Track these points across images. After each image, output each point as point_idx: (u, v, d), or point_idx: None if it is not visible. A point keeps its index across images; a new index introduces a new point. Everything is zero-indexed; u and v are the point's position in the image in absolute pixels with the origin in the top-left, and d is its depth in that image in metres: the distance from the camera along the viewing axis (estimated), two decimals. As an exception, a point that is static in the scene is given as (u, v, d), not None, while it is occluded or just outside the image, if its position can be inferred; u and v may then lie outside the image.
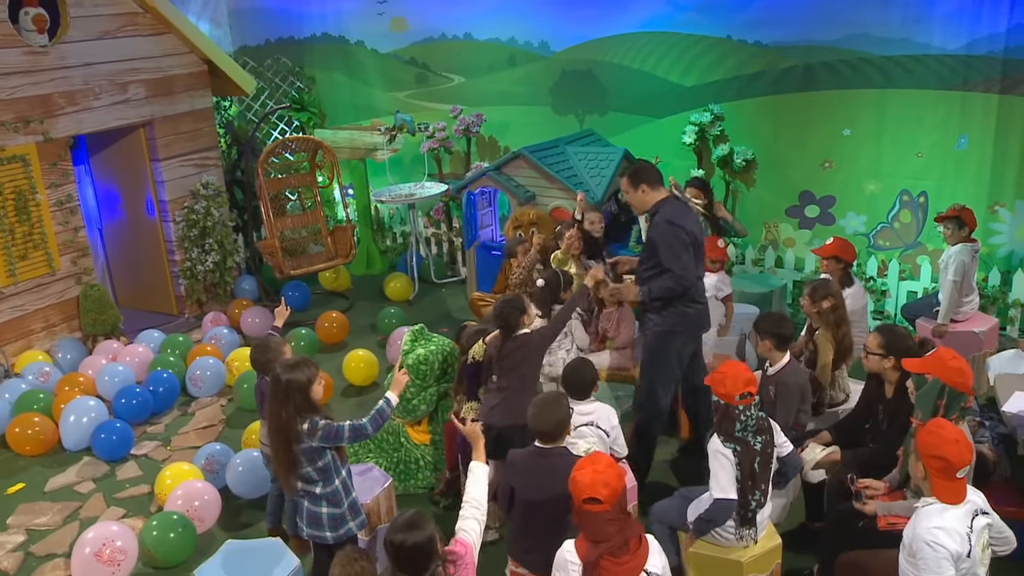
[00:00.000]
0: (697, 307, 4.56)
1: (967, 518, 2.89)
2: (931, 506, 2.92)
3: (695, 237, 4.48)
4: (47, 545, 4.71)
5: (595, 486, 2.83)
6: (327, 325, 7.14)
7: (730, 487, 3.55)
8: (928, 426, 2.99)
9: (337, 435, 3.47)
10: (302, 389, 3.43)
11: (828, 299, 4.61)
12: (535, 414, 3.56)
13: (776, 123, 7.12)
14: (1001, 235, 6.44)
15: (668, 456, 5.33)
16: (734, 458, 3.53)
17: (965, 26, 6.19)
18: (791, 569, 4.04)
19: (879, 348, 4.02)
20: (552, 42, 8.13)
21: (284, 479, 3.52)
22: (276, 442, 3.47)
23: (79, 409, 5.65)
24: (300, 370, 3.45)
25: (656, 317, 4.54)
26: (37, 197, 6.47)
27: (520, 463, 3.59)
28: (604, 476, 2.86)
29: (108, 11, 6.87)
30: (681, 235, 4.39)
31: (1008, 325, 6.36)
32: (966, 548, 2.83)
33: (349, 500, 3.63)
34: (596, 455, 3.01)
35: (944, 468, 2.87)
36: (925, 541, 2.83)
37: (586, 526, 2.91)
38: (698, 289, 4.57)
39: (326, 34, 9.48)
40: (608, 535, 2.85)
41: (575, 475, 2.92)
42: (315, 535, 3.62)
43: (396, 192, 8.41)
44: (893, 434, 3.95)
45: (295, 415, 3.41)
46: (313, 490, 3.54)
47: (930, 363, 3.54)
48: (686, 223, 4.45)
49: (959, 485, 2.91)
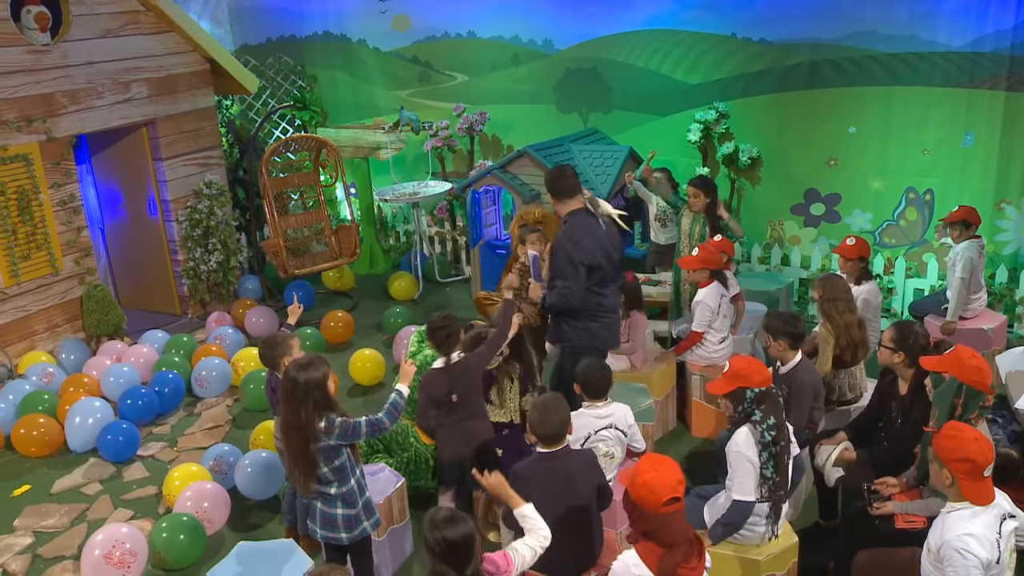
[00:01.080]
0: (603, 321, 4.54)
1: (996, 523, 2.85)
2: (959, 511, 2.87)
3: (594, 258, 4.39)
4: (55, 547, 4.68)
5: (673, 485, 2.72)
6: (332, 325, 7.11)
7: (751, 490, 3.52)
8: (944, 431, 2.94)
9: (355, 431, 3.44)
10: (320, 386, 3.40)
11: (817, 290, 4.66)
12: (539, 418, 3.42)
13: (781, 121, 7.10)
14: (1008, 232, 6.44)
15: (679, 455, 5.32)
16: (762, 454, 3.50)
17: (971, 23, 6.18)
18: (806, 567, 4.02)
19: (891, 343, 4.01)
20: (556, 40, 8.11)
21: (303, 481, 3.47)
22: (293, 442, 3.44)
23: (85, 410, 5.61)
24: (315, 368, 3.43)
25: (567, 330, 4.54)
26: (40, 197, 6.43)
27: (534, 476, 3.41)
28: (676, 473, 2.76)
29: (110, 9, 6.83)
30: (572, 254, 4.35)
31: (1016, 322, 6.36)
32: (995, 554, 2.80)
33: (363, 500, 3.60)
34: (652, 456, 2.89)
35: (971, 470, 2.83)
36: (955, 549, 2.79)
37: (663, 530, 2.75)
38: (604, 305, 4.53)
39: (328, 32, 9.44)
40: (683, 534, 2.75)
41: (645, 480, 2.73)
42: (330, 537, 3.59)
43: (400, 191, 8.38)
44: (908, 431, 3.94)
45: (314, 413, 3.38)
46: (328, 491, 3.51)
47: (948, 361, 3.53)
48: (584, 241, 4.37)
49: (987, 485, 2.88)
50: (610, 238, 4.55)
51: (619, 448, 4.05)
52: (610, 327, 4.63)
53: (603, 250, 4.47)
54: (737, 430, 3.58)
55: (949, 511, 2.91)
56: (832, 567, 4.02)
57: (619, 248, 4.65)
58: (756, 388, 3.53)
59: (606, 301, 4.55)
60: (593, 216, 4.53)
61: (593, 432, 3.94)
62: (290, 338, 4.30)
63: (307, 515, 4.46)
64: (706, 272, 5.29)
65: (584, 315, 4.50)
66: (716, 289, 5.28)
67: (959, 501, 2.90)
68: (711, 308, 5.27)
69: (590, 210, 4.53)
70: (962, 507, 2.88)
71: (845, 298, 4.65)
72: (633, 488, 2.77)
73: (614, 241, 4.58)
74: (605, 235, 4.51)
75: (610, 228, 4.60)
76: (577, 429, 3.88)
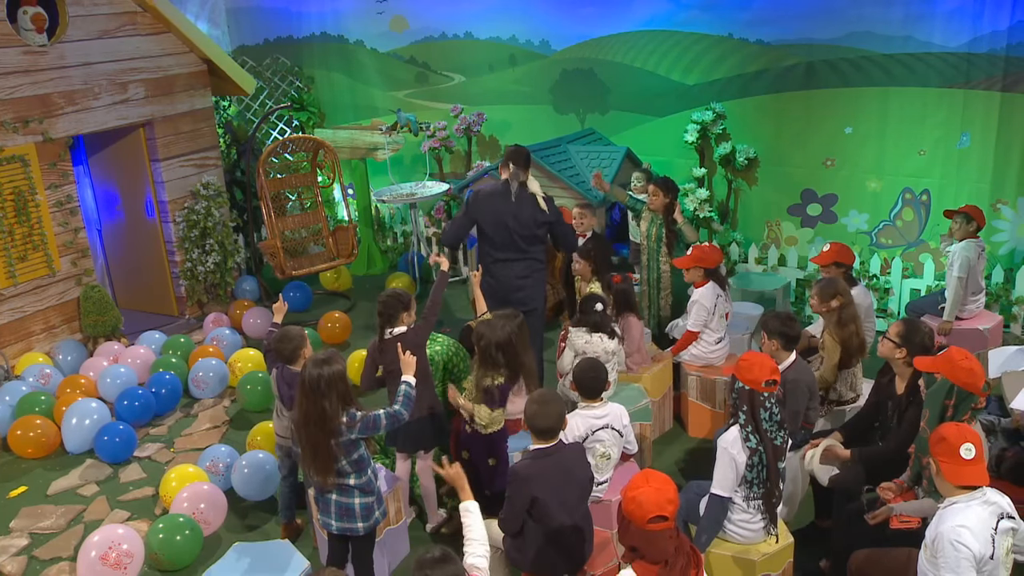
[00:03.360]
0: (497, 278, 5.22)
1: (992, 519, 2.87)
2: (954, 505, 2.91)
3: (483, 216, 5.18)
4: (51, 548, 4.68)
5: (661, 504, 2.72)
6: (330, 325, 7.11)
7: (728, 486, 3.54)
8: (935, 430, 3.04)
9: (375, 424, 3.55)
10: (343, 379, 3.47)
11: (837, 298, 4.59)
12: (537, 412, 3.43)
13: (778, 121, 7.11)
14: (1004, 232, 6.45)
15: (675, 455, 5.33)
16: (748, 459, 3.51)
17: (967, 24, 6.20)
18: (801, 567, 4.03)
19: (896, 337, 4.00)
20: (553, 41, 8.11)
21: (323, 476, 3.49)
22: (314, 438, 3.45)
23: (81, 411, 5.61)
24: (335, 362, 3.48)
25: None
26: (37, 198, 6.43)
27: (534, 474, 3.40)
28: (667, 493, 2.76)
29: (107, 10, 6.82)
30: (470, 204, 5.26)
31: (1012, 322, 6.37)
32: (989, 550, 2.82)
33: (377, 488, 3.70)
34: (648, 472, 2.89)
35: (947, 449, 2.90)
36: (948, 540, 2.82)
37: (649, 547, 2.77)
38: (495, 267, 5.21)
39: (325, 33, 9.44)
40: (669, 553, 2.76)
41: (634, 495, 2.76)
42: (346, 528, 3.63)
43: (397, 192, 8.38)
44: (903, 431, 3.94)
45: (339, 406, 3.43)
46: (347, 482, 3.56)
47: (940, 362, 3.53)
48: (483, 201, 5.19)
49: (970, 469, 2.89)
50: (517, 210, 5.13)
51: (615, 449, 4.05)
52: (504, 289, 5.21)
53: (498, 214, 5.14)
54: (732, 426, 3.60)
55: (945, 506, 2.94)
56: (827, 567, 4.03)
57: (527, 223, 5.17)
58: (741, 383, 3.55)
59: (498, 267, 5.22)
60: (508, 187, 5.15)
61: (591, 432, 3.95)
62: (303, 332, 4.31)
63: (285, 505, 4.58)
64: (700, 271, 5.30)
65: (483, 270, 5.23)
66: (712, 289, 5.29)
67: (951, 495, 2.93)
68: (707, 308, 5.28)
69: (510, 181, 5.16)
70: (955, 501, 2.91)
71: (852, 301, 4.66)
72: (624, 501, 2.81)
73: (522, 215, 5.14)
74: (510, 205, 5.13)
75: (523, 203, 5.15)
76: (573, 429, 3.89)
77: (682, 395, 5.60)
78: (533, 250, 5.26)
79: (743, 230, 7.53)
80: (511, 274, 5.23)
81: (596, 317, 4.80)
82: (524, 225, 5.16)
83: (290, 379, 4.19)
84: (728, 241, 7.47)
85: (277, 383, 4.34)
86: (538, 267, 5.33)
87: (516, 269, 5.23)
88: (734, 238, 7.48)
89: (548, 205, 5.23)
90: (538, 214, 5.18)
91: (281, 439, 4.45)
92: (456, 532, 4.36)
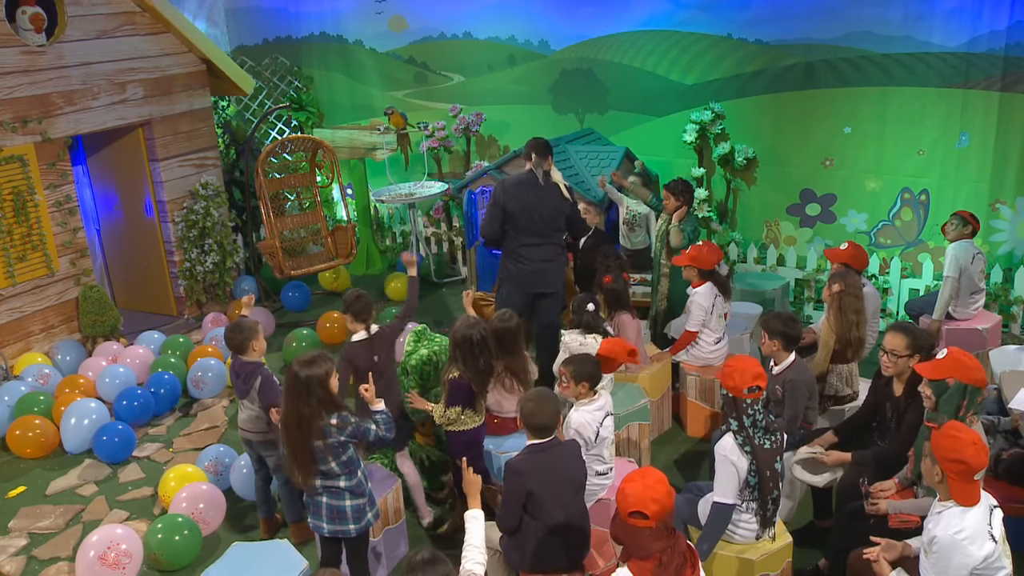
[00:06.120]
0: (518, 266, 5.43)
1: (986, 515, 2.89)
2: (951, 508, 2.91)
3: (514, 204, 5.32)
4: (50, 549, 4.67)
5: (644, 501, 2.70)
6: (328, 326, 7.11)
7: (730, 493, 3.54)
8: (945, 430, 2.96)
9: (363, 435, 3.58)
10: (322, 383, 3.46)
11: (838, 283, 4.62)
12: (535, 409, 3.44)
13: (777, 121, 7.11)
14: (1003, 232, 6.45)
15: (674, 454, 5.33)
16: (749, 464, 3.51)
17: (966, 23, 6.20)
18: (800, 567, 4.03)
19: (907, 349, 3.95)
20: (552, 41, 8.11)
21: (303, 477, 3.51)
22: (292, 438, 3.47)
23: (80, 411, 5.61)
24: (318, 364, 3.47)
25: (501, 266, 5.60)
26: (36, 198, 6.42)
27: (529, 469, 3.42)
28: (654, 492, 2.72)
29: (106, 10, 6.82)
30: (498, 195, 5.41)
31: (1011, 322, 6.37)
32: (991, 545, 2.84)
33: (368, 490, 3.70)
34: (647, 470, 2.87)
35: (964, 471, 2.85)
36: (951, 548, 2.83)
37: (629, 540, 2.76)
38: (522, 252, 5.40)
39: (324, 33, 9.44)
40: (652, 552, 2.73)
41: (624, 487, 2.77)
42: (338, 530, 3.64)
43: (396, 192, 8.38)
44: (903, 432, 3.94)
45: (319, 410, 3.43)
46: (337, 484, 3.56)
47: (949, 366, 3.48)
48: (511, 188, 5.36)
49: (976, 487, 2.91)
50: (542, 198, 5.35)
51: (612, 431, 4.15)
52: (528, 272, 5.43)
53: (525, 201, 5.33)
54: (726, 433, 3.60)
55: (941, 510, 2.94)
56: (826, 567, 4.03)
57: (551, 210, 5.39)
58: (725, 391, 3.55)
59: (524, 250, 5.42)
60: (536, 177, 5.35)
61: (599, 425, 3.97)
62: (257, 325, 4.33)
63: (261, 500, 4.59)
64: (695, 271, 5.30)
65: (506, 255, 5.51)
66: (710, 289, 5.29)
67: (947, 500, 2.93)
68: (705, 308, 5.28)
69: (535, 172, 5.36)
70: (952, 504, 2.92)
71: (858, 295, 4.66)
72: (618, 491, 2.82)
73: (547, 202, 5.36)
74: (537, 194, 5.34)
75: (548, 191, 5.37)
76: (583, 427, 3.92)
77: (681, 395, 5.60)
78: (556, 236, 5.51)
79: (742, 230, 7.53)
80: (537, 257, 5.44)
81: (588, 318, 4.87)
82: (549, 212, 5.39)
83: (239, 369, 4.25)
84: (727, 241, 7.47)
85: (231, 373, 4.37)
86: (560, 252, 5.58)
87: (542, 253, 5.46)
88: (733, 238, 7.48)
89: (570, 194, 5.51)
90: (562, 203, 5.44)
91: (242, 431, 4.42)
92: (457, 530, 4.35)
